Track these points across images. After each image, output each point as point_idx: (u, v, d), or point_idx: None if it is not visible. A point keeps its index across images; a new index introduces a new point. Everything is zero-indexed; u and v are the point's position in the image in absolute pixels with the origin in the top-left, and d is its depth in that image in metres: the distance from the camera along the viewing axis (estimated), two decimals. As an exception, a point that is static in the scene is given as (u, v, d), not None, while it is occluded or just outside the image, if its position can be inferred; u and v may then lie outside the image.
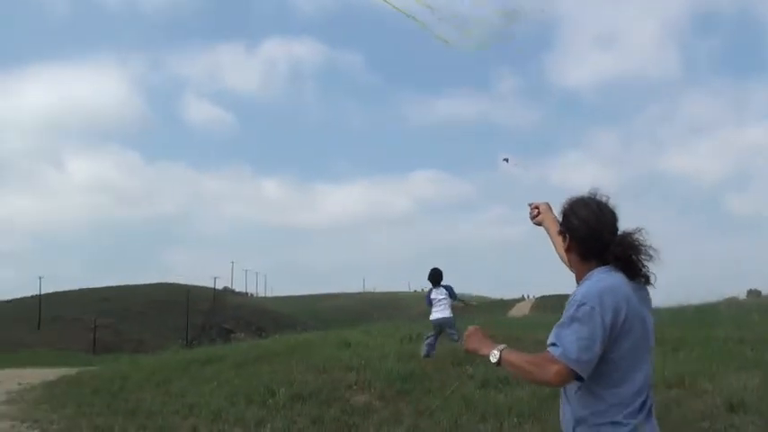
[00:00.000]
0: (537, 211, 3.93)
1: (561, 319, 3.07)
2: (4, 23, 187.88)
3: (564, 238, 3.32)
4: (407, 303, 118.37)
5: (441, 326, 13.42)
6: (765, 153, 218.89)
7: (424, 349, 13.11)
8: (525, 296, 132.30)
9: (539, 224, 3.94)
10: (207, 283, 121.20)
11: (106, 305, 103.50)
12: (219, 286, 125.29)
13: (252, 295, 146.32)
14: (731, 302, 25.26)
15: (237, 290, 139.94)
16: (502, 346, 3.22)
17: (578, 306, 3.01)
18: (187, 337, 73.54)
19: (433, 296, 13.51)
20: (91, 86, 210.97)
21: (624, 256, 3.13)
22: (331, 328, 25.76)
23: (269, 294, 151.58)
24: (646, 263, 3.16)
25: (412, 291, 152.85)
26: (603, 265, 3.16)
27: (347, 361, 12.63)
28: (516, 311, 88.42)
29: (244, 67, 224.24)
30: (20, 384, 17.78)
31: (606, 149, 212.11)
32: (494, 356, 3.20)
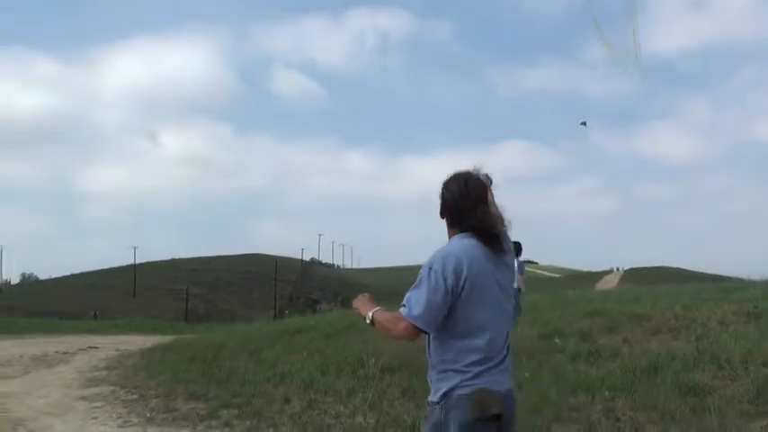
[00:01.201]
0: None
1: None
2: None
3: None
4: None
5: None
6: None
7: None
8: (615, 269, 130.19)
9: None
10: (295, 254, 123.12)
11: (197, 275, 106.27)
12: (307, 257, 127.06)
13: (338, 267, 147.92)
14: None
15: (324, 261, 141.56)
16: (376, 308, 3.64)
17: (425, 268, 3.48)
18: (275, 308, 74.95)
19: None
20: (182, 60, 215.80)
21: (479, 227, 3.53)
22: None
23: (355, 266, 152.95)
24: (502, 232, 3.59)
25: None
26: (466, 232, 3.57)
27: (435, 332, 12.64)
28: (604, 284, 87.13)
29: (330, 39, 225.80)
30: (118, 350, 18.46)
31: (698, 118, 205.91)
32: (368, 318, 3.62)
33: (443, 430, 3.46)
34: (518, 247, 13.92)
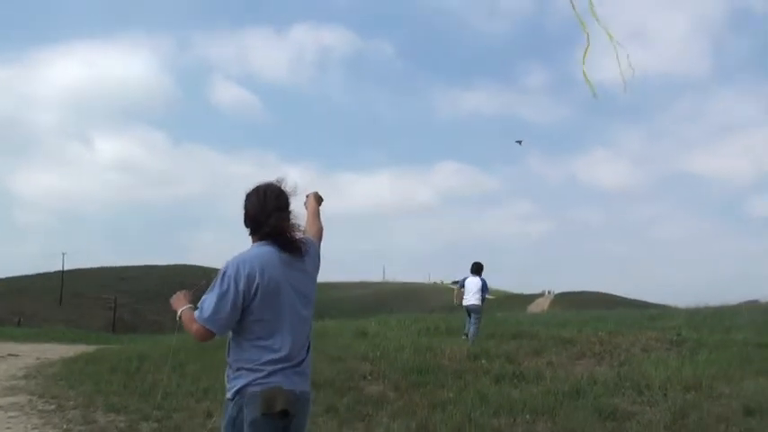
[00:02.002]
0: (306, 198, 4.55)
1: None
2: (36, 2, 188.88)
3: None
4: (426, 295, 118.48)
5: (469, 311, 14.74)
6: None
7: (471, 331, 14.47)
8: (546, 292, 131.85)
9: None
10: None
11: (126, 284, 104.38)
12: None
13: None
14: (752, 306, 25.05)
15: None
16: (185, 307, 3.83)
17: (219, 274, 3.68)
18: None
19: (467, 282, 14.88)
20: (121, 65, 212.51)
21: (275, 233, 3.77)
22: (349, 316, 25.78)
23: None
24: (294, 238, 3.83)
25: (431, 282, 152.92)
26: (264, 239, 3.81)
27: (363, 351, 12.64)
28: (535, 307, 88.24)
29: (272, 52, 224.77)
30: (38, 359, 17.97)
31: (633, 147, 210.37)
32: (177, 315, 3.85)
33: (237, 425, 3.65)
34: (479, 267, 15.10)
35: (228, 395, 3.72)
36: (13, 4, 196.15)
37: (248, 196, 3.91)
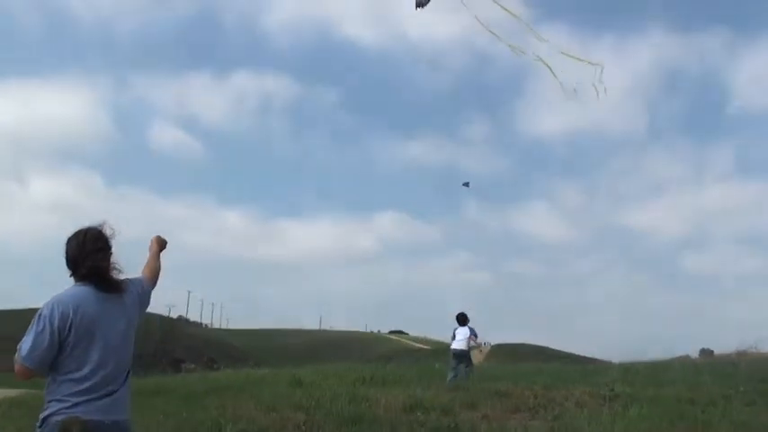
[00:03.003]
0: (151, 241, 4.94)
1: None
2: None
3: None
4: (364, 344, 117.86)
5: (457, 356, 16.87)
6: (722, 214, 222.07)
7: (449, 376, 16.61)
8: (483, 343, 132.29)
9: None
10: (162, 310, 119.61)
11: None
12: (174, 315, 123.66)
13: (207, 326, 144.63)
14: (683, 361, 25.49)
15: (192, 319, 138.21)
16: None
17: (36, 315, 3.93)
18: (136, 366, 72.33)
19: (456, 332, 17.03)
20: (58, 105, 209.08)
21: (92, 274, 4.06)
22: (285, 364, 25.49)
23: (224, 326, 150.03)
24: (111, 277, 4.11)
25: (369, 331, 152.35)
26: (83, 280, 4.08)
27: (298, 400, 12.47)
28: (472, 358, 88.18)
29: (213, 97, 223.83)
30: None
31: (570, 201, 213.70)
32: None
33: None
34: (464, 317, 17.24)
35: (38, 423, 3.95)
36: None
37: (69, 240, 4.18)
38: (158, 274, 4.71)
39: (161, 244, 4.94)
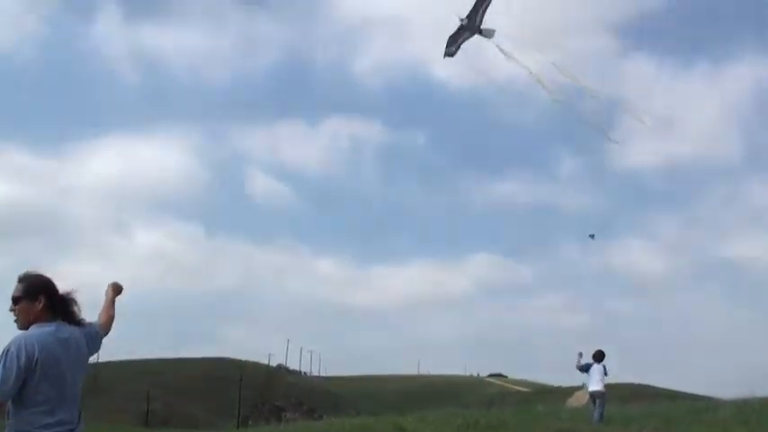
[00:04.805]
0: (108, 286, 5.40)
1: None
2: (75, 94, 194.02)
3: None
4: (462, 388, 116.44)
5: (594, 396, 17.19)
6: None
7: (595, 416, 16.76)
8: (584, 385, 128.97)
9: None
10: (261, 359, 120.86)
11: (160, 378, 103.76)
12: (274, 363, 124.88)
13: (306, 374, 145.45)
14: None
15: (292, 368, 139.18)
16: None
17: (3, 352, 4.42)
18: (239, 415, 73.20)
19: (591, 370, 17.06)
20: (157, 157, 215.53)
21: (60, 312, 4.65)
22: (385, 410, 25.30)
23: (323, 374, 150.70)
24: (73, 321, 4.69)
25: (468, 374, 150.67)
26: (45, 320, 4.62)
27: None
28: (575, 401, 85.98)
29: (305, 143, 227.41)
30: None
31: (669, 234, 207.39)
32: None
33: None
34: (601, 354, 17.25)
35: None
36: (51, 97, 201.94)
37: (35, 286, 4.66)
38: (112, 321, 5.23)
39: (117, 290, 5.38)
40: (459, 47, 25.99)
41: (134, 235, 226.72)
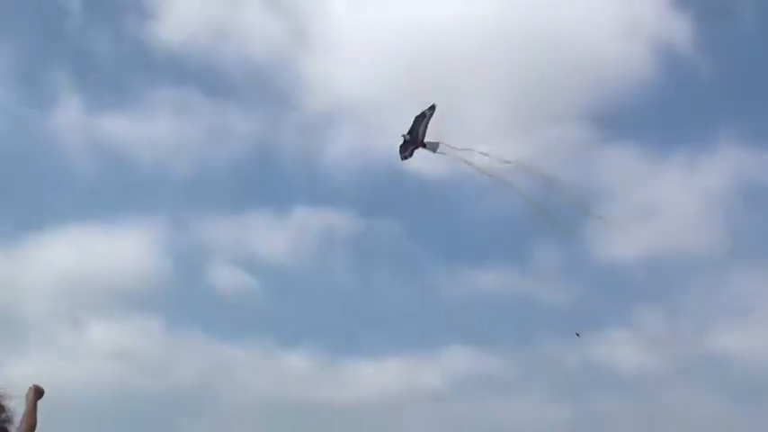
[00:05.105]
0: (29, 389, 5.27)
1: None
2: (31, 185, 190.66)
3: None
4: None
5: None
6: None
7: None
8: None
9: None
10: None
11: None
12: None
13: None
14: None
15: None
16: None
17: None
18: None
19: None
20: (116, 248, 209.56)
21: None
22: None
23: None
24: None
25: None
26: None
27: None
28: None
29: (273, 233, 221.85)
30: None
31: (652, 327, 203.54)
32: None
33: None
34: None
35: None
36: (5, 189, 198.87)
37: None
38: (34, 430, 5.05)
39: (39, 394, 5.24)
40: (411, 153, 26.36)
41: (89, 329, 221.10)
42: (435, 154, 25.57)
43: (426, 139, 25.43)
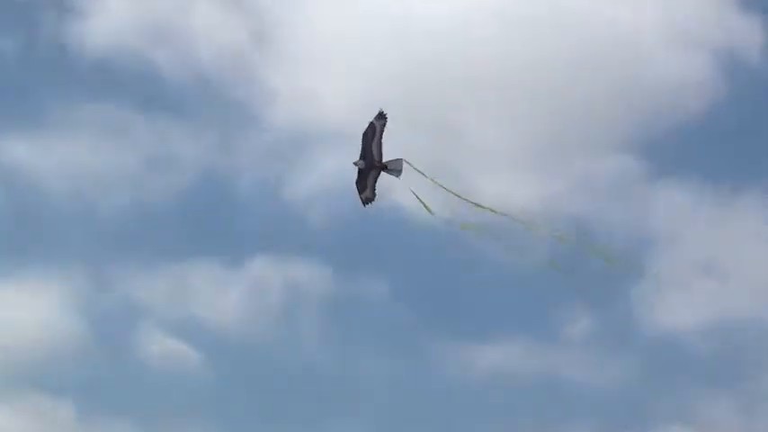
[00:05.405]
0: None
1: None
2: None
3: None
4: None
5: None
6: None
7: None
8: None
9: None
10: None
11: None
12: None
13: None
14: None
15: None
16: None
17: None
18: None
19: None
20: (18, 309, 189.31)
21: None
22: None
23: None
24: None
25: None
26: None
27: None
28: None
29: (222, 291, 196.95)
30: None
31: (721, 421, 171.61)
32: None
33: None
34: None
35: None
36: None
37: None
38: None
39: None
40: (373, 189, 20.39)
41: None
42: (400, 179, 19.89)
43: (385, 159, 19.55)
